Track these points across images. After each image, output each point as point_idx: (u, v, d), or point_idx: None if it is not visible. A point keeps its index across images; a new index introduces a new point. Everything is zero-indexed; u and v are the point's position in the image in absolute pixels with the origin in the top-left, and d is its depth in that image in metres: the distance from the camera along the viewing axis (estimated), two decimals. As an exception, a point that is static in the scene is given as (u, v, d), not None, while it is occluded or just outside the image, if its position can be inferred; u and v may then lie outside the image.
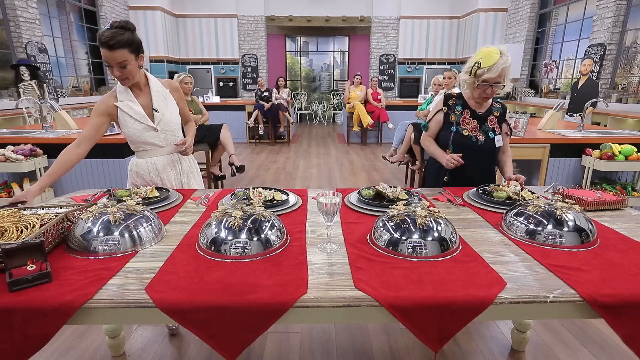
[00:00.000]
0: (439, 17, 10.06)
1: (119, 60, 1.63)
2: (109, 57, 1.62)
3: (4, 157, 2.86)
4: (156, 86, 1.85)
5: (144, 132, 1.82)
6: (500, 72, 1.80)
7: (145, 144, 1.85)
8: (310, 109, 12.26)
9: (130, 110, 1.78)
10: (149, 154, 1.88)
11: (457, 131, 1.96)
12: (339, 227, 1.35)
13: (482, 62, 1.80)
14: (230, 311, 0.90)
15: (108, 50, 1.60)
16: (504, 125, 2.04)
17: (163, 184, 1.91)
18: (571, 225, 1.21)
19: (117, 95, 1.78)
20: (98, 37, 1.61)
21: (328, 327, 2.07)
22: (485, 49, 1.83)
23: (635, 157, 3.04)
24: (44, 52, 6.17)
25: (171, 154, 1.93)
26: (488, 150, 1.97)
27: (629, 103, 5.66)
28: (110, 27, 1.62)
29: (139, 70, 1.75)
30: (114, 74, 1.67)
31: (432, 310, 0.91)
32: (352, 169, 5.95)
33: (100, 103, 1.78)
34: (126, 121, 1.79)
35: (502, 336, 2.01)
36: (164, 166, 1.91)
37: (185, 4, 9.84)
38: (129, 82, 1.74)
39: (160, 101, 1.84)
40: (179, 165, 1.98)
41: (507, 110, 2.08)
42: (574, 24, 7.31)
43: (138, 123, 1.79)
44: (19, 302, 0.89)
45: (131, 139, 1.85)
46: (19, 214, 1.17)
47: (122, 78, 1.70)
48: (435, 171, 2.09)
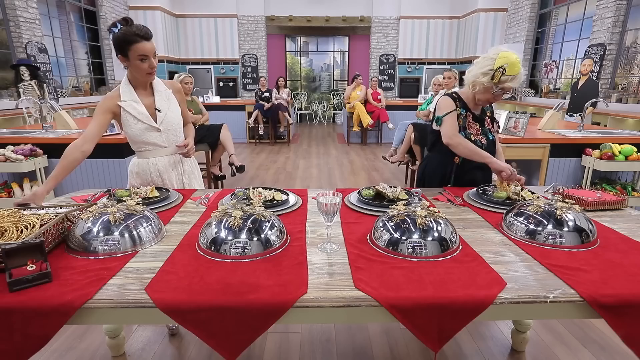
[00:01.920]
0: (439, 17, 10.06)
1: (155, 50, 1.68)
2: (148, 48, 1.65)
3: (4, 157, 2.86)
4: (159, 86, 1.85)
5: (146, 132, 1.81)
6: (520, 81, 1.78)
7: (147, 144, 1.84)
8: (310, 109, 12.26)
9: (134, 110, 1.77)
10: (151, 154, 1.87)
11: (466, 136, 1.90)
12: (339, 227, 1.35)
13: (508, 70, 1.71)
14: (230, 311, 0.90)
15: (147, 42, 1.64)
16: (495, 124, 2.04)
17: (164, 184, 1.90)
18: (571, 225, 1.21)
19: (121, 94, 1.77)
20: (131, 33, 1.62)
21: (328, 327, 2.07)
22: (508, 55, 1.73)
23: (635, 157, 3.04)
24: (44, 52, 6.17)
25: (173, 154, 1.92)
26: (489, 152, 1.94)
27: (629, 103, 5.66)
28: (126, 23, 1.64)
29: None
30: (149, 65, 1.69)
31: (432, 310, 0.91)
32: (352, 169, 5.95)
33: (103, 101, 1.77)
34: (128, 121, 1.78)
35: (502, 336, 2.01)
36: (165, 167, 1.90)
37: (185, 4, 9.83)
38: (154, 75, 1.78)
39: (163, 101, 1.84)
40: (180, 165, 1.97)
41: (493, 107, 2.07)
42: (574, 24, 7.31)
43: (141, 123, 1.79)
44: (19, 302, 0.89)
45: (133, 139, 1.84)
46: (19, 214, 1.17)
47: (153, 69, 1.73)
48: (438, 172, 2.03)
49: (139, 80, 1.78)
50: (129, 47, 1.63)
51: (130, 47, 1.63)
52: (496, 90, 1.78)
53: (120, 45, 1.65)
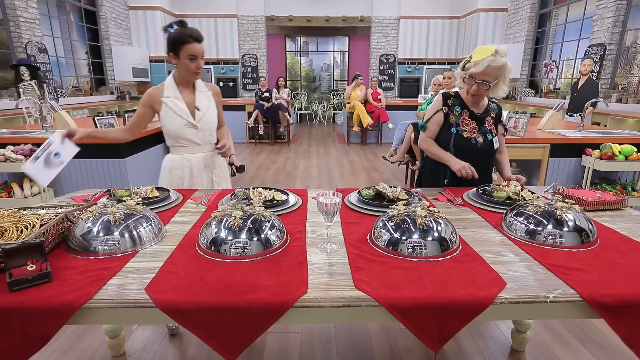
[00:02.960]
0: (439, 17, 10.06)
1: (203, 52, 1.82)
2: (198, 49, 1.80)
3: (4, 157, 2.86)
4: (200, 87, 1.98)
5: (184, 128, 1.91)
6: (486, 69, 1.74)
7: (183, 139, 1.94)
8: (310, 109, 12.26)
9: (175, 106, 1.89)
10: (186, 150, 1.97)
11: (458, 133, 1.92)
12: (339, 227, 1.35)
13: (473, 57, 1.79)
14: (230, 311, 0.90)
15: (198, 44, 1.79)
16: (500, 126, 2.01)
17: (194, 182, 1.99)
18: (571, 225, 1.21)
19: (164, 90, 1.89)
20: (186, 34, 1.76)
21: (328, 327, 2.07)
22: (484, 46, 1.80)
23: (635, 157, 3.04)
24: (44, 52, 6.17)
25: (206, 152, 2.02)
26: (487, 152, 1.95)
27: (629, 103, 5.66)
28: (182, 25, 1.79)
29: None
30: (197, 66, 1.82)
31: (432, 310, 0.91)
32: (352, 169, 5.95)
33: (146, 95, 1.91)
34: (169, 116, 1.89)
35: (502, 336, 2.01)
36: (198, 163, 1.99)
37: (185, 4, 9.84)
38: (199, 75, 1.91)
39: (203, 101, 1.96)
40: (212, 164, 2.06)
41: (502, 109, 2.05)
42: (574, 24, 7.31)
43: (180, 119, 1.89)
44: (19, 302, 0.89)
45: (171, 134, 1.94)
46: (19, 214, 1.17)
47: (200, 70, 1.86)
48: (434, 173, 2.04)
49: (185, 78, 1.90)
50: (181, 47, 1.77)
51: (182, 46, 1.77)
52: (466, 78, 1.84)
53: (173, 44, 1.78)
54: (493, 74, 1.76)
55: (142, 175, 3.34)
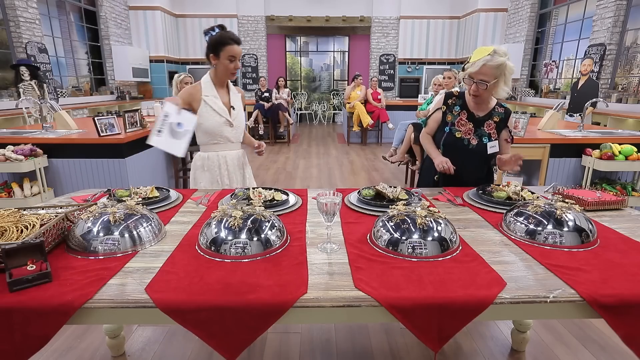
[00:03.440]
0: (439, 17, 10.06)
1: (241, 54, 1.97)
2: (237, 51, 1.91)
3: (4, 157, 2.86)
4: (232, 88, 2.11)
5: (222, 126, 2.02)
6: (482, 69, 1.75)
7: (220, 137, 2.05)
8: (310, 109, 12.25)
9: (215, 104, 1.99)
10: (221, 147, 2.07)
11: (450, 132, 1.94)
12: (339, 227, 1.35)
13: (472, 57, 1.81)
14: (230, 311, 0.90)
15: (238, 46, 1.91)
16: (505, 132, 1.96)
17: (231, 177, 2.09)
18: (571, 225, 1.21)
19: (202, 89, 1.98)
20: (227, 37, 1.88)
21: (328, 327, 2.07)
22: (484, 47, 1.81)
23: (635, 157, 3.04)
24: (44, 52, 6.17)
25: (239, 150, 2.14)
26: (479, 155, 1.94)
27: (629, 103, 5.66)
28: (222, 28, 1.90)
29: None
30: (234, 66, 1.94)
31: (432, 310, 0.91)
32: (352, 169, 5.95)
33: (184, 93, 1.98)
34: (208, 113, 1.98)
35: (502, 336, 2.01)
36: (232, 161, 2.11)
37: (185, 4, 9.83)
38: (236, 76, 2.03)
39: (236, 101, 2.09)
40: (244, 162, 2.19)
41: (510, 115, 1.97)
42: (574, 24, 7.31)
43: (219, 116, 1.99)
44: (19, 302, 0.89)
45: (208, 131, 2.02)
46: (19, 214, 1.17)
47: (237, 70, 1.96)
48: (429, 170, 2.07)
49: (222, 79, 2.02)
50: (222, 48, 1.89)
51: (223, 47, 1.88)
52: (465, 78, 1.86)
53: (215, 45, 1.89)
54: (490, 73, 1.76)
55: (142, 175, 3.34)
